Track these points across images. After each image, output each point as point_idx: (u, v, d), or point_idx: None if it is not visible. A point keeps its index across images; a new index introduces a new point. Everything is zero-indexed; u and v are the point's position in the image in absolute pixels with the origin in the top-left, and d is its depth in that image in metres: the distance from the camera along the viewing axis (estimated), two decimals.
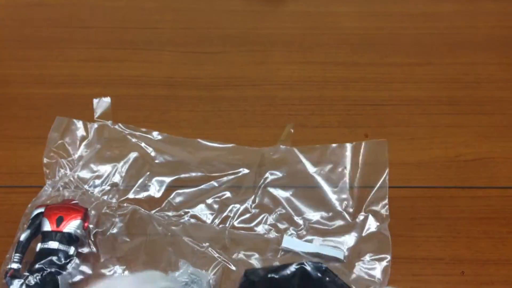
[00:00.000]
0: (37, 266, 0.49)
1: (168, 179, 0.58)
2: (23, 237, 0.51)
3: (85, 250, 0.52)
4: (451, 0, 0.78)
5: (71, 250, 0.50)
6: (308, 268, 0.48)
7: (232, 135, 0.63)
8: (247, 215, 0.56)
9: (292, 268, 0.49)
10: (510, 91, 0.68)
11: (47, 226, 0.51)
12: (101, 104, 0.61)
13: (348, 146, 0.59)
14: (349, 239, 0.54)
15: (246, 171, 0.58)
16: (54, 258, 0.50)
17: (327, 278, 0.48)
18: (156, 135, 0.61)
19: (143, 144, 0.60)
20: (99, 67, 0.69)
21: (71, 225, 0.51)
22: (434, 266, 0.54)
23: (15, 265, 0.49)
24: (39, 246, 0.51)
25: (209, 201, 0.57)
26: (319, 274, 0.48)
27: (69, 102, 0.66)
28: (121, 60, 0.70)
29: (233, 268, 0.52)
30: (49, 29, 0.74)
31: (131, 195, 0.57)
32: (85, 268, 0.51)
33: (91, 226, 0.53)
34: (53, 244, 0.50)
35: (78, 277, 0.51)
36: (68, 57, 0.70)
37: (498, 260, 0.53)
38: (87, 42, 0.72)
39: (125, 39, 0.73)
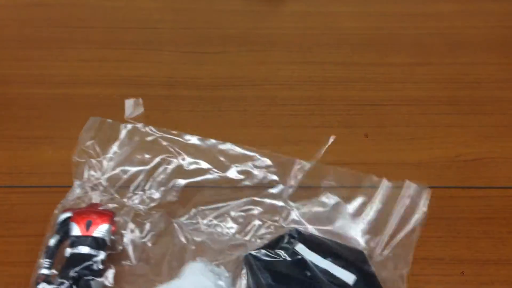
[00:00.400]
0: (70, 272, 0.48)
1: (196, 186, 0.57)
2: (52, 242, 0.51)
3: (114, 255, 0.52)
4: (451, 0, 0.78)
5: (102, 255, 0.50)
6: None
7: (232, 135, 0.63)
8: (269, 232, 0.55)
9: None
10: (510, 91, 0.68)
11: (77, 231, 0.51)
12: (134, 105, 0.61)
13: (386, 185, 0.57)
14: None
15: (278, 187, 0.57)
16: (87, 263, 0.49)
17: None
18: (187, 138, 0.60)
19: (174, 148, 0.59)
20: (99, 67, 0.69)
21: (100, 229, 0.51)
22: (434, 266, 0.54)
23: (46, 271, 0.49)
24: (68, 251, 0.50)
25: (235, 213, 0.56)
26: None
27: (69, 102, 0.66)
28: (121, 60, 0.70)
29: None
30: (49, 29, 0.74)
31: (159, 201, 0.56)
32: (115, 274, 0.51)
33: (123, 231, 0.53)
34: (84, 249, 0.50)
35: (109, 283, 0.50)
36: (68, 57, 0.70)
37: (498, 260, 0.53)
38: (87, 42, 0.72)
39: (125, 39, 0.73)
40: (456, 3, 0.77)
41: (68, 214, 0.52)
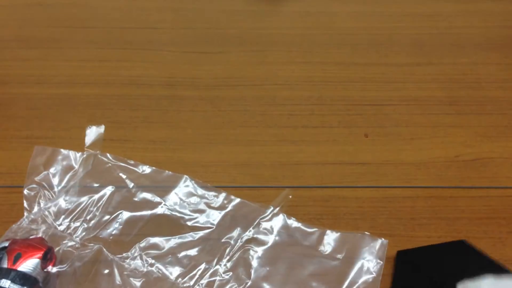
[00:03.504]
0: None
1: (142, 222, 0.55)
2: None
3: None
4: (451, 0, 0.78)
5: None
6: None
7: (232, 135, 0.63)
8: (216, 279, 0.51)
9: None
10: (510, 91, 0.68)
11: (4, 263, 0.48)
12: (94, 132, 0.60)
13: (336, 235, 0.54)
14: None
15: (232, 229, 0.54)
16: None
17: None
18: (142, 168, 0.58)
19: (125, 178, 0.57)
20: (99, 67, 0.69)
21: (27, 264, 0.48)
22: None
23: None
24: None
25: (181, 254, 0.52)
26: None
27: (69, 102, 0.66)
28: (121, 60, 0.70)
29: None
30: (49, 29, 0.74)
31: (99, 234, 0.54)
32: None
33: (57, 266, 0.50)
34: (5, 283, 0.46)
35: None
36: (68, 57, 0.70)
37: (498, 260, 0.53)
38: (87, 42, 0.72)
39: (125, 39, 0.73)
40: (456, 3, 0.77)
41: (4, 244, 0.49)
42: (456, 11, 0.77)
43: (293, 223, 0.55)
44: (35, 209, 0.55)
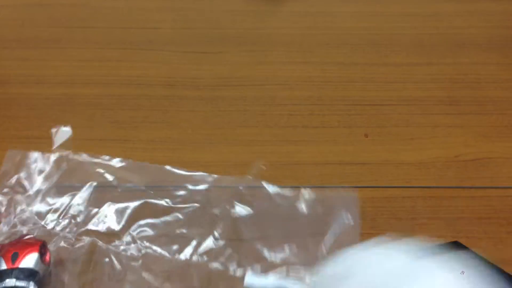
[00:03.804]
0: None
1: (129, 210, 0.55)
2: None
3: (47, 284, 0.50)
4: (451, 0, 0.78)
5: (31, 285, 0.48)
6: None
7: (232, 135, 0.63)
8: (212, 249, 0.53)
9: None
10: (510, 91, 0.68)
11: (3, 265, 0.48)
12: (61, 134, 0.60)
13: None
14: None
15: (214, 203, 0.56)
16: None
17: None
18: (117, 162, 0.58)
19: (104, 173, 0.58)
20: (99, 67, 0.69)
21: (28, 260, 0.49)
22: None
23: None
24: None
25: (173, 233, 0.54)
26: None
27: (69, 102, 0.66)
28: (121, 60, 0.70)
29: None
30: (49, 29, 0.74)
31: (90, 227, 0.54)
32: None
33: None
34: (10, 282, 0.48)
35: None
36: (68, 57, 0.70)
37: (498, 260, 0.53)
38: (87, 42, 0.72)
39: (125, 39, 0.73)
40: (456, 3, 0.77)
41: None
42: (456, 11, 0.77)
43: (272, 188, 0.57)
44: (11, 213, 0.55)
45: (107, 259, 0.52)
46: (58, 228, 0.54)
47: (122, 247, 0.53)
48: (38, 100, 0.66)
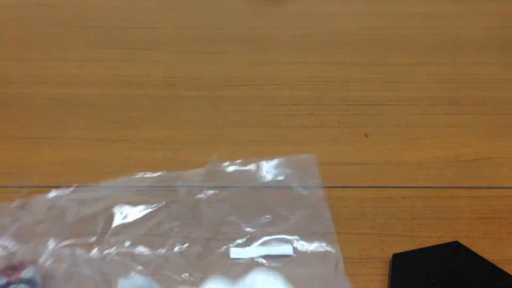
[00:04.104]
0: None
1: (100, 217, 0.55)
2: None
3: None
4: (451, 0, 0.78)
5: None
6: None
7: (232, 135, 0.63)
8: (190, 236, 0.54)
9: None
10: (510, 91, 0.68)
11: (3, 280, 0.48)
12: None
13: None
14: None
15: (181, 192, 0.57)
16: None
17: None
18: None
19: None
20: (99, 67, 0.69)
21: (27, 272, 0.49)
22: None
23: None
24: None
25: (152, 231, 0.54)
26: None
27: (69, 102, 0.66)
28: (121, 60, 0.70)
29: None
30: (49, 29, 0.74)
31: (69, 242, 0.53)
32: None
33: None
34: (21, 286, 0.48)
35: None
36: (68, 57, 0.70)
37: (498, 260, 0.53)
38: (87, 42, 0.72)
39: (125, 39, 0.73)
40: (456, 3, 0.77)
41: None
42: (456, 11, 0.77)
43: (231, 167, 0.59)
44: None
45: (89, 270, 0.52)
46: (38, 248, 0.53)
47: (105, 252, 0.53)
48: (38, 100, 0.66)
